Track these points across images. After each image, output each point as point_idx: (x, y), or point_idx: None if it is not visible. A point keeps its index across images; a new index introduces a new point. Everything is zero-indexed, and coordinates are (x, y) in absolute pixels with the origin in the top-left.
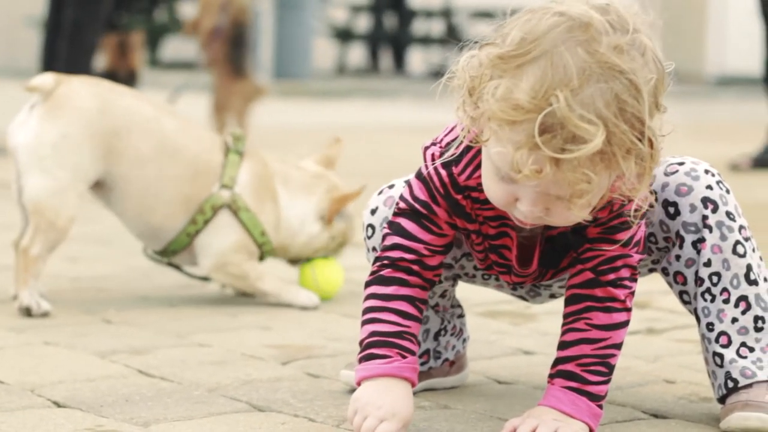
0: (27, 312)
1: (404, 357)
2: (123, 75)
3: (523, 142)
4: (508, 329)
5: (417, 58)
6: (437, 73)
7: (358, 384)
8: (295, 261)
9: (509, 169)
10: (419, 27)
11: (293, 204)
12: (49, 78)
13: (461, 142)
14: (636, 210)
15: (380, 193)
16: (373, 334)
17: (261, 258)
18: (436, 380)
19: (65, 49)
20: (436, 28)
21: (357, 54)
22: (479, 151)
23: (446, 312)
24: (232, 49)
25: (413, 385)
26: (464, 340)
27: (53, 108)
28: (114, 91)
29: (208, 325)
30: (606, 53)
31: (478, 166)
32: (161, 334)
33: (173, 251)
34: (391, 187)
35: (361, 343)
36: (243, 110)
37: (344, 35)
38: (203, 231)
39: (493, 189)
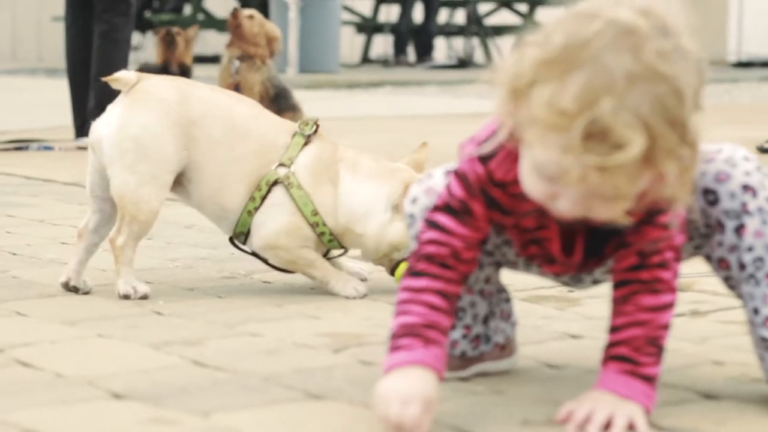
0: (126, 298)
1: (427, 346)
2: (175, 69)
3: (568, 147)
4: (554, 314)
5: (440, 48)
6: (462, 63)
7: (386, 373)
8: (385, 261)
9: (553, 172)
10: (441, 17)
11: (358, 189)
12: (131, 73)
13: (499, 139)
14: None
15: (420, 182)
16: (401, 326)
17: (328, 245)
18: (488, 364)
19: (100, 49)
20: (458, 17)
21: (380, 45)
22: (515, 146)
23: (493, 296)
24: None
25: (437, 372)
26: (513, 324)
27: (134, 101)
28: (191, 84)
29: (257, 315)
30: (651, 59)
31: (515, 161)
32: (212, 325)
33: (240, 233)
34: (430, 177)
35: (391, 334)
36: None
37: (369, 27)
38: (260, 209)
39: (533, 186)
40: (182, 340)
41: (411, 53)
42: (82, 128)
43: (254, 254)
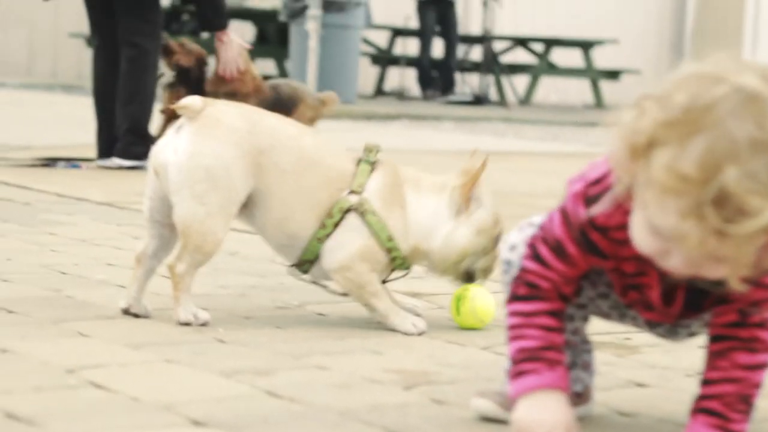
0: (186, 325)
1: (552, 368)
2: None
3: (688, 212)
4: (615, 361)
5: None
6: (477, 100)
7: (514, 399)
8: (451, 271)
9: (671, 235)
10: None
11: (423, 205)
12: (197, 99)
13: (614, 192)
14: None
15: (520, 230)
16: (520, 350)
17: (395, 267)
18: None
19: (129, 74)
20: (475, 54)
21: (394, 77)
22: (626, 197)
23: (576, 347)
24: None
25: (567, 393)
26: (591, 374)
27: (203, 129)
28: (257, 112)
29: (320, 347)
30: None
31: (618, 207)
32: (278, 356)
33: (306, 260)
34: (530, 225)
35: (511, 359)
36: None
37: (384, 59)
38: (331, 235)
39: (644, 241)
40: (252, 370)
41: (415, 86)
42: (107, 149)
43: (314, 283)
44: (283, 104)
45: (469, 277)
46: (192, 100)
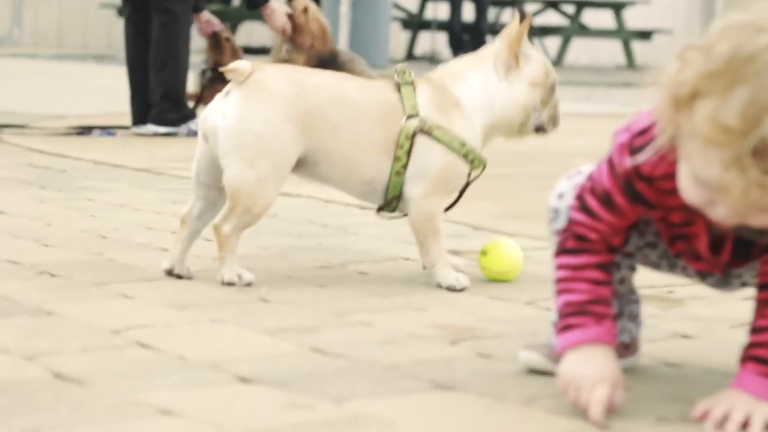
0: (230, 285)
1: (599, 322)
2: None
3: (731, 163)
4: (659, 313)
5: None
6: None
7: (560, 353)
8: (524, 130)
9: (714, 185)
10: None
11: (471, 86)
12: (246, 64)
13: (657, 143)
14: None
15: (569, 177)
16: (567, 304)
17: (474, 168)
18: None
19: (162, 41)
20: (506, 17)
21: (426, 42)
22: (672, 148)
23: (623, 297)
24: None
25: (613, 346)
26: (638, 325)
27: (252, 93)
28: (302, 72)
29: (364, 305)
30: None
31: (664, 156)
32: (321, 314)
33: (394, 197)
34: (579, 173)
35: (558, 313)
36: None
37: (414, 23)
38: (409, 163)
39: (690, 191)
40: (296, 328)
41: (446, 50)
42: (141, 116)
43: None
44: (336, 68)
45: (540, 130)
46: (240, 64)
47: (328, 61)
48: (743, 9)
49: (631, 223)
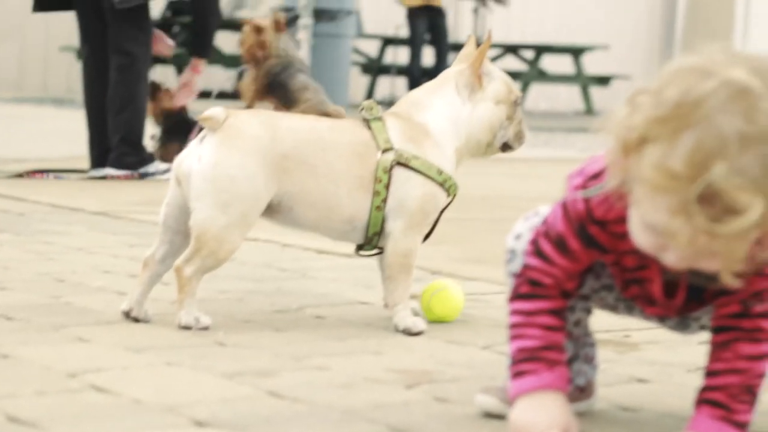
0: (187, 328)
1: (551, 368)
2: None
3: (677, 209)
4: (615, 357)
5: None
6: None
7: (513, 399)
8: (490, 151)
9: (662, 232)
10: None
11: (437, 113)
12: (220, 110)
13: (608, 187)
14: None
15: (526, 219)
16: (520, 350)
17: (450, 195)
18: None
19: (121, 84)
20: None
21: (385, 86)
22: (623, 192)
23: (579, 340)
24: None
25: (566, 393)
26: (594, 368)
27: (228, 138)
28: (276, 116)
29: (321, 349)
30: (764, 120)
31: (617, 200)
32: (279, 358)
33: (375, 234)
34: (536, 214)
35: (511, 359)
36: None
37: (374, 68)
38: (389, 197)
39: (640, 236)
40: (254, 371)
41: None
42: (99, 159)
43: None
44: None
45: (507, 148)
46: (215, 111)
47: (278, 83)
48: (694, 52)
49: (585, 267)
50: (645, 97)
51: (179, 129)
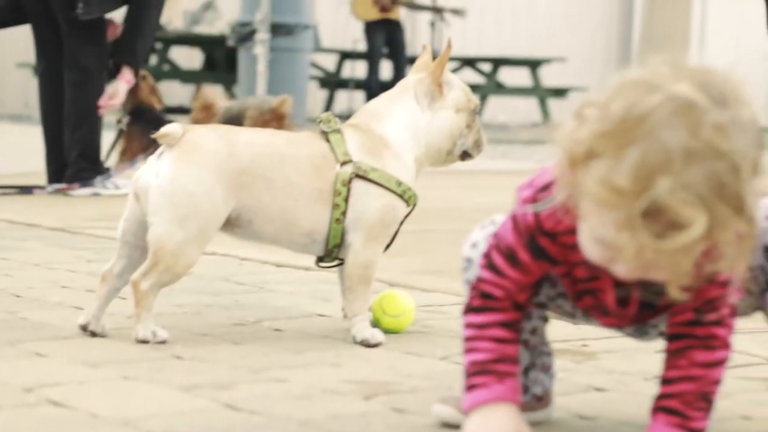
0: (144, 342)
1: (501, 381)
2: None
3: (623, 224)
4: (573, 367)
5: None
6: None
7: (467, 413)
8: (450, 159)
9: (608, 246)
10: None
11: (396, 123)
12: (177, 127)
13: (556, 200)
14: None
15: (483, 227)
16: (472, 363)
17: (410, 205)
18: (524, 415)
19: (75, 100)
20: None
21: (343, 101)
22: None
23: (536, 349)
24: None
25: (517, 404)
26: (551, 377)
27: (185, 154)
28: (233, 131)
29: (279, 361)
30: (708, 135)
31: (566, 212)
32: (237, 370)
33: (335, 246)
34: (492, 223)
35: (465, 372)
36: None
37: (332, 82)
38: (348, 209)
39: (589, 248)
40: (211, 384)
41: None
42: (57, 174)
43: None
44: (233, 121)
45: (466, 156)
46: (172, 128)
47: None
48: (642, 65)
49: (537, 279)
50: (592, 110)
51: (147, 119)
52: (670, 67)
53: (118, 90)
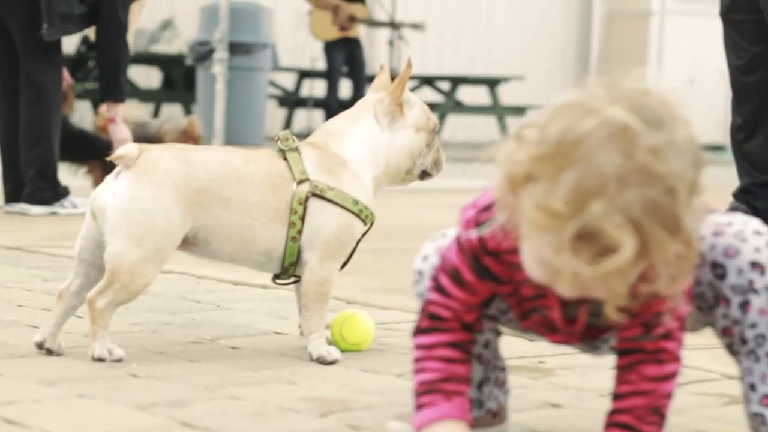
0: (100, 360)
1: (449, 399)
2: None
3: (559, 248)
4: (529, 383)
5: None
6: None
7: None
8: (409, 178)
9: (547, 267)
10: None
11: (355, 142)
12: (133, 147)
13: (497, 222)
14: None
15: (434, 240)
16: (420, 383)
17: (367, 224)
18: (480, 431)
19: (32, 119)
20: None
21: (302, 119)
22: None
23: (489, 363)
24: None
25: (466, 420)
26: (506, 392)
27: (142, 173)
28: (190, 150)
29: (235, 379)
30: (642, 158)
31: (509, 231)
32: (192, 388)
33: (291, 264)
34: (443, 236)
35: (414, 393)
36: None
37: (291, 101)
38: (304, 228)
39: (532, 269)
40: (167, 402)
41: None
42: (14, 194)
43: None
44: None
45: (425, 175)
46: (128, 149)
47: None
48: (581, 86)
49: (484, 299)
50: (531, 131)
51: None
52: (607, 90)
53: (122, 132)
